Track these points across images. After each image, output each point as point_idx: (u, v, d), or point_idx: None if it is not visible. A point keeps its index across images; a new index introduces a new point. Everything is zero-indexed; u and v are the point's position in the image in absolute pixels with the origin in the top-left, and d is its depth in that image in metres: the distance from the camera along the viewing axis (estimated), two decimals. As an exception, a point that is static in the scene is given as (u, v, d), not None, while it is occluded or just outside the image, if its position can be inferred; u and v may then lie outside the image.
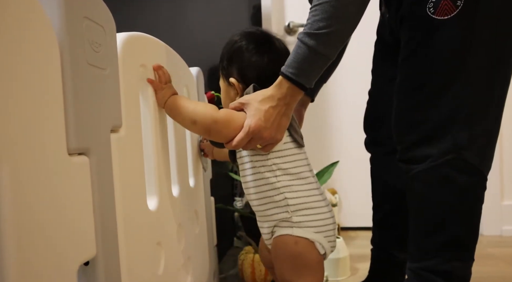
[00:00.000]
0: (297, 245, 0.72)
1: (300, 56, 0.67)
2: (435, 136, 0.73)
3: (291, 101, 0.70)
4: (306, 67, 0.68)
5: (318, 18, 0.66)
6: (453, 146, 0.71)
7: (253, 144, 0.71)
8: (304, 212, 0.73)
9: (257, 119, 0.68)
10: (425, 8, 0.70)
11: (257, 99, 0.70)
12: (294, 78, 0.68)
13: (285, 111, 0.70)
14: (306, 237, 0.72)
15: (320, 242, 0.73)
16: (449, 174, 0.72)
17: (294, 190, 0.73)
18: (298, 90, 0.69)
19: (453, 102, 0.71)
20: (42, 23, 0.36)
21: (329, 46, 0.67)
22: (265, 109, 0.68)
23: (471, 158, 0.71)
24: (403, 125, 0.78)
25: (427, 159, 0.73)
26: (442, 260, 0.74)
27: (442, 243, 0.74)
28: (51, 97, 0.38)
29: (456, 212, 0.73)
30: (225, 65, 0.79)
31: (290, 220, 0.73)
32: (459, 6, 0.68)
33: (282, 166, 0.73)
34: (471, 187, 0.73)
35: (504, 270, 1.28)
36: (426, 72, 0.73)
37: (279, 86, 0.69)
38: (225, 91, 0.81)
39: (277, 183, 0.73)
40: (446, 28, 0.69)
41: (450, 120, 0.72)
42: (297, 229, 0.72)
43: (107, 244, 0.46)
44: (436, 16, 0.70)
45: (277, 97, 0.69)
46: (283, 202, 0.73)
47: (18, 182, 0.33)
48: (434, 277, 0.75)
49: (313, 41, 0.66)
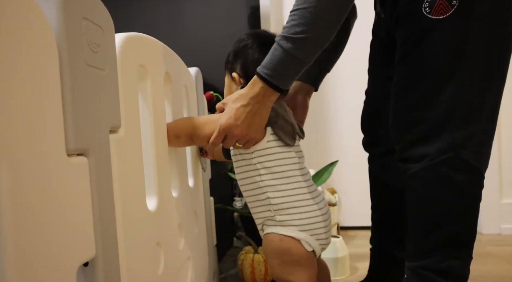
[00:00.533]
0: (282, 242, 0.74)
1: (275, 58, 0.69)
2: (432, 135, 0.73)
3: (264, 101, 0.72)
4: (280, 69, 0.69)
5: (296, 23, 0.67)
6: (449, 145, 0.72)
7: (230, 141, 0.74)
8: (287, 211, 0.74)
9: (227, 118, 0.72)
10: (420, 8, 0.71)
11: (232, 98, 0.73)
12: (268, 78, 0.69)
13: (258, 110, 0.72)
14: (291, 236, 0.74)
15: (306, 240, 0.74)
16: (446, 173, 0.73)
17: (277, 189, 0.75)
18: (272, 91, 0.71)
19: (449, 101, 0.71)
20: (40, 23, 0.36)
21: (305, 51, 0.69)
22: (236, 108, 0.71)
23: (468, 156, 0.72)
24: (400, 124, 0.78)
25: (425, 158, 0.74)
26: (441, 259, 0.74)
27: (440, 242, 0.74)
28: (50, 98, 0.38)
29: (454, 210, 0.73)
30: (231, 60, 0.84)
31: (273, 219, 0.75)
32: (455, 5, 0.68)
33: (266, 165, 0.75)
34: (468, 185, 0.73)
35: (503, 268, 1.28)
36: (422, 72, 0.74)
37: (252, 85, 0.71)
38: (228, 86, 0.85)
39: (261, 182, 0.75)
40: (441, 27, 0.70)
41: (447, 119, 0.72)
42: (281, 228, 0.74)
43: (106, 245, 0.46)
44: (432, 16, 0.70)
45: (249, 96, 0.71)
46: (266, 201, 0.75)
47: (17, 183, 0.33)
48: (433, 275, 0.75)
49: (289, 44, 0.67)
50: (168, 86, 0.77)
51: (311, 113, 1.90)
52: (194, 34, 1.47)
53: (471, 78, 0.71)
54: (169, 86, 0.77)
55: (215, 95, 1.36)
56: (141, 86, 0.64)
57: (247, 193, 0.79)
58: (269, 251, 0.76)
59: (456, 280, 0.76)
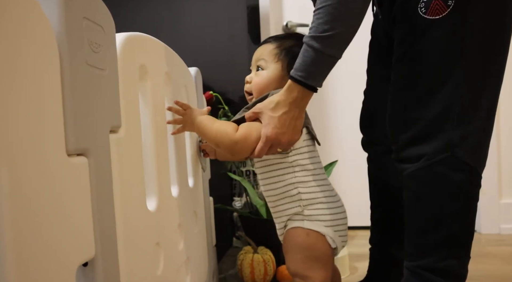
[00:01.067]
0: (308, 237, 0.75)
1: (307, 59, 0.69)
2: (429, 135, 0.73)
3: (303, 104, 0.73)
4: (313, 69, 0.70)
5: (322, 21, 0.67)
6: (446, 144, 0.72)
7: (274, 149, 0.74)
8: (316, 206, 0.75)
9: (272, 127, 0.72)
10: (416, 8, 0.71)
11: (269, 107, 0.73)
12: (304, 80, 0.70)
13: (298, 114, 0.73)
14: (317, 230, 0.74)
15: (330, 236, 0.75)
16: (443, 172, 0.73)
17: (308, 185, 0.76)
18: (308, 92, 0.71)
19: (446, 101, 0.72)
20: (41, 23, 0.36)
21: (335, 47, 0.69)
22: (279, 116, 0.71)
23: (465, 156, 0.72)
24: (397, 124, 0.79)
25: (421, 158, 0.74)
26: (439, 258, 0.75)
27: (438, 242, 0.75)
28: (50, 98, 0.38)
29: (451, 210, 0.74)
30: (292, 55, 0.77)
31: (301, 213, 0.76)
32: (450, 5, 0.68)
33: (301, 162, 0.77)
34: (465, 184, 0.74)
35: (502, 268, 1.28)
36: (419, 72, 0.74)
37: (289, 90, 0.71)
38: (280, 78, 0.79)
39: (293, 179, 0.76)
40: (437, 27, 0.70)
41: (443, 119, 0.72)
42: (308, 222, 0.75)
43: (106, 245, 0.46)
44: (428, 16, 0.70)
45: (288, 102, 0.71)
46: (296, 197, 0.76)
47: (17, 183, 0.33)
48: (431, 275, 0.75)
49: (318, 44, 0.68)
50: (168, 86, 0.77)
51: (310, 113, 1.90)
52: (194, 34, 1.47)
53: (467, 78, 0.71)
54: (169, 86, 0.77)
55: (215, 95, 1.36)
56: (141, 86, 0.64)
57: (274, 192, 0.78)
58: (293, 245, 0.76)
59: (455, 279, 0.76)
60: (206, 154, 0.97)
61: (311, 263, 0.75)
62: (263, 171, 0.80)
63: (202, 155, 0.98)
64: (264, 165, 0.79)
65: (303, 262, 0.75)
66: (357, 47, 1.78)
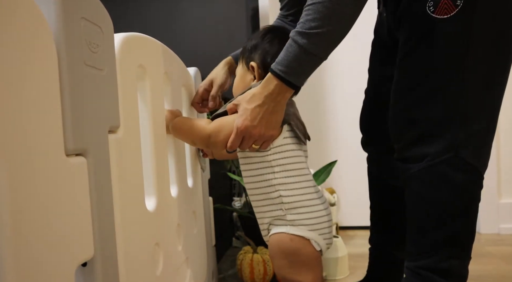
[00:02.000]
0: (292, 242, 0.73)
1: (290, 55, 0.68)
2: (432, 135, 0.73)
3: (279, 99, 0.71)
4: (295, 65, 0.68)
5: (311, 18, 0.66)
6: (450, 145, 0.72)
7: (247, 143, 0.72)
8: (298, 211, 0.74)
9: (243, 119, 0.71)
10: (425, 7, 0.70)
11: (245, 98, 0.72)
12: (283, 75, 0.68)
13: (274, 109, 0.71)
14: (301, 235, 0.73)
15: (315, 239, 0.74)
16: (446, 173, 0.72)
17: (290, 188, 0.74)
18: (287, 88, 0.70)
19: (450, 101, 0.71)
20: (39, 23, 0.36)
21: (320, 46, 0.68)
22: (252, 108, 0.70)
23: (468, 156, 0.72)
24: (400, 124, 0.78)
25: (425, 158, 0.74)
26: (440, 258, 0.74)
27: (439, 242, 0.74)
28: (49, 98, 0.37)
29: (453, 210, 0.73)
30: (249, 49, 0.82)
31: (284, 218, 0.74)
32: (459, 5, 0.68)
33: (281, 162, 0.74)
34: (468, 185, 0.73)
35: (501, 268, 1.28)
36: (424, 71, 0.73)
37: (266, 82, 0.70)
38: (242, 76, 0.84)
39: (274, 180, 0.74)
40: (445, 27, 0.70)
41: (447, 119, 0.72)
42: (291, 227, 0.74)
43: (105, 245, 0.46)
44: (436, 15, 0.70)
45: (264, 95, 0.70)
46: (277, 200, 0.74)
47: (15, 183, 0.33)
48: (432, 275, 0.75)
49: (304, 40, 0.66)
50: (167, 86, 0.77)
51: (310, 113, 1.90)
52: (193, 34, 1.47)
53: (472, 78, 0.71)
54: (168, 86, 0.77)
55: (214, 95, 1.36)
56: (140, 86, 0.64)
57: (256, 191, 0.77)
58: (278, 251, 0.75)
59: (456, 279, 0.76)
60: (205, 154, 0.97)
61: (298, 267, 0.74)
62: (244, 169, 0.79)
63: (201, 155, 0.98)
64: (245, 163, 0.78)
65: (290, 267, 0.74)
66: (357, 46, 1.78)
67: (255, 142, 0.73)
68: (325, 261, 1.24)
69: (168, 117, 0.76)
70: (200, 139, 0.76)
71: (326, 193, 1.66)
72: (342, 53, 1.89)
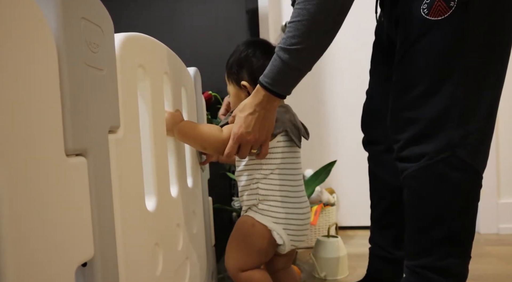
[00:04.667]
0: (253, 227, 0.83)
1: (275, 68, 0.73)
2: (429, 135, 0.74)
3: (269, 107, 0.76)
4: (280, 77, 0.73)
5: (291, 35, 0.70)
6: (447, 144, 0.72)
7: (246, 149, 0.79)
8: (270, 203, 0.82)
9: (238, 126, 0.77)
10: (419, 9, 0.72)
11: (239, 108, 0.79)
12: (269, 87, 0.74)
13: (265, 115, 0.77)
14: (264, 224, 0.82)
15: (277, 231, 0.81)
16: (444, 172, 0.73)
17: (268, 182, 0.83)
18: (274, 97, 0.75)
19: (446, 100, 0.72)
20: (39, 23, 0.36)
21: (301, 61, 0.72)
22: (245, 116, 0.77)
23: (465, 156, 0.72)
24: (398, 124, 0.79)
25: (422, 158, 0.74)
26: (439, 258, 0.75)
27: (438, 241, 0.75)
28: (48, 98, 0.37)
29: (452, 209, 0.74)
30: (235, 71, 0.88)
31: (256, 206, 0.83)
32: (453, 7, 0.69)
33: (270, 161, 0.83)
34: (466, 184, 0.74)
35: (501, 268, 1.29)
36: (420, 72, 0.74)
37: (256, 93, 0.76)
38: (236, 95, 0.90)
39: (257, 174, 0.83)
40: (439, 28, 0.71)
41: (444, 118, 0.73)
42: (259, 215, 0.83)
43: (105, 245, 0.46)
44: (430, 17, 0.71)
45: (254, 104, 0.76)
46: (255, 191, 0.83)
47: (15, 183, 0.33)
48: (431, 274, 0.75)
49: (286, 55, 0.71)
50: (167, 86, 0.77)
51: (310, 113, 1.90)
52: (193, 35, 1.47)
53: (468, 78, 0.71)
54: (168, 86, 0.77)
55: (214, 95, 1.36)
56: (140, 86, 0.64)
57: (242, 183, 0.86)
58: (238, 230, 0.85)
59: (455, 278, 0.76)
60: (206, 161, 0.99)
61: (247, 249, 0.83)
62: (239, 164, 0.87)
63: (200, 156, 0.98)
64: (239, 160, 0.86)
65: (238, 244, 0.84)
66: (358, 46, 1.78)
67: (252, 146, 0.79)
68: (325, 261, 1.25)
69: (169, 120, 0.76)
70: (215, 146, 0.81)
71: (326, 193, 1.66)
72: (342, 53, 1.89)
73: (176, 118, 0.78)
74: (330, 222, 1.62)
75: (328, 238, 1.27)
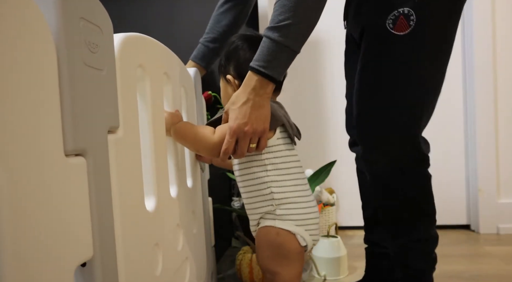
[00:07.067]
0: (278, 236, 0.77)
1: (264, 49, 0.73)
2: (391, 135, 0.84)
3: (262, 93, 0.74)
4: (271, 59, 0.72)
5: (278, 13, 0.71)
6: (407, 143, 0.84)
7: (244, 143, 0.75)
8: (287, 206, 0.78)
9: (234, 119, 0.74)
10: (385, 23, 0.80)
11: (231, 101, 0.76)
12: (261, 70, 0.73)
13: (259, 103, 0.74)
14: (288, 229, 0.77)
15: (301, 234, 0.78)
16: (407, 166, 0.85)
17: (281, 185, 0.78)
18: (267, 81, 0.74)
19: (406, 105, 0.82)
20: (38, 23, 0.36)
21: (290, 37, 0.72)
22: (239, 107, 0.74)
23: (421, 148, 0.85)
24: (362, 127, 0.88)
25: (385, 157, 0.85)
26: (411, 231, 0.87)
27: (408, 221, 0.87)
28: (48, 98, 0.37)
29: (415, 194, 0.86)
30: (223, 63, 0.86)
31: (274, 212, 0.78)
32: (411, 25, 0.78)
33: (274, 161, 0.79)
34: (423, 170, 0.87)
35: (500, 268, 1.28)
36: (381, 79, 0.83)
37: (248, 80, 0.74)
38: (224, 89, 0.88)
39: (266, 178, 0.78)
40: (401, 42, 0.79)
41: (403, 121, 0.83)
42: (279, 221, 0.78)
43: (104, 245, 0.46)
44: (394, 31, 0.79)
45: (247, 91, 0.74)
46: (269, 196, 0.78)
47: (14, 183, 0.32)
48: (413, 244, 0.87)
49: (275, 33, 0.71)
50: (167, 86, 0.77)
51: (309, 113, 1.90)
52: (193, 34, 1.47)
53: (421, 84, 0.82)
54: (168, 86, 0.77)
55: (213, 95, 1.36)
56: (139, 87, 0.64)
57: (248, 188, 0.80)
58: (263, 243, 0.79)
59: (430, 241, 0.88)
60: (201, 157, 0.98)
61: (280, 260, 0.78)
62: (238, 168, 0.82)
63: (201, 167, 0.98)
64: (239, 162, 0.82)
65: (273, 259, 0.78)
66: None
67: (251, 140, 0.75)
68: (325, 261, 1.25)
69: (168, 120, 0.76)
70: (207, 148, 0.79)
71: (325, 194, 1.66)
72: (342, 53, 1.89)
73: (175, 118, 0.78)
74: (329, 222, 1.62)
75: (328, 238, 1.28)
